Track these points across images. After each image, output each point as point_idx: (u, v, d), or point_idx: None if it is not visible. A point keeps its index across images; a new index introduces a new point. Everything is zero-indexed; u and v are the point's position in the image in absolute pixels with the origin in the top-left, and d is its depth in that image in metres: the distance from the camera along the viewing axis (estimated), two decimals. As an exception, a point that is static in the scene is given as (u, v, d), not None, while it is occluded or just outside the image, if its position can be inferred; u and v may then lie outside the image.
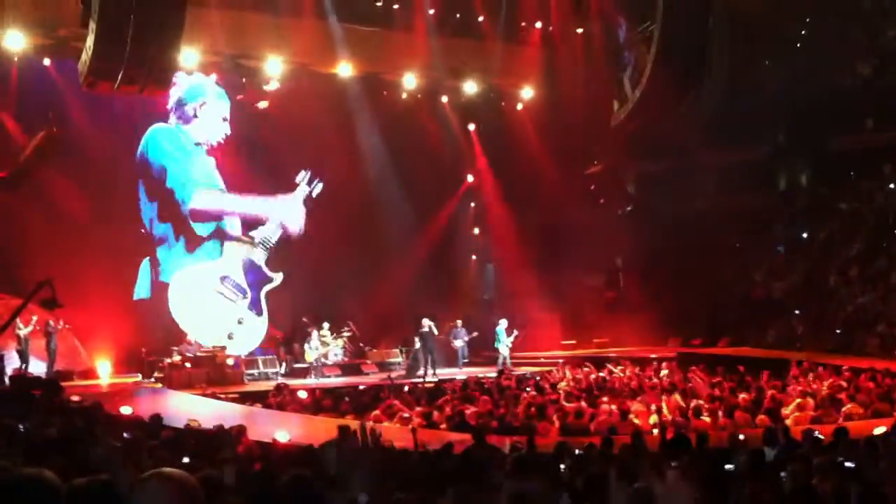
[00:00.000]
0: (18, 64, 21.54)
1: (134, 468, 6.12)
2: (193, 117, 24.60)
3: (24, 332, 19.68)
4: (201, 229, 24.74)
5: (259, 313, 24.85)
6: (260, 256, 25.16)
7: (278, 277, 25.06)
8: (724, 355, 21.68)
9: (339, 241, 25.24)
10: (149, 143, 24.27)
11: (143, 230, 24.12)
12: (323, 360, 23.10)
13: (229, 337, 23.55)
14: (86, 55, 18.98)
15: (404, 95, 27.04)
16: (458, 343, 24.51)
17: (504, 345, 23.94)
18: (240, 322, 24.36)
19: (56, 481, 2.62)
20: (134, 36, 18.13)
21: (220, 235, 24.98)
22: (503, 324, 24.26)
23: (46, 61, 21.92)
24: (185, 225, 24.52)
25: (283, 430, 10.86)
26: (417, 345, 23.17)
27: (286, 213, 25.83)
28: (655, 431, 11.78)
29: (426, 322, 23.02)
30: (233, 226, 25.19)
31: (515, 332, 24.17)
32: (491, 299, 28.89)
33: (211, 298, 24.23)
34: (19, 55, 21.22)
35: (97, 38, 18.30)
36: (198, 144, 24.80)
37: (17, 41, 20.51)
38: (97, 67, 19.05)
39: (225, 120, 24.89)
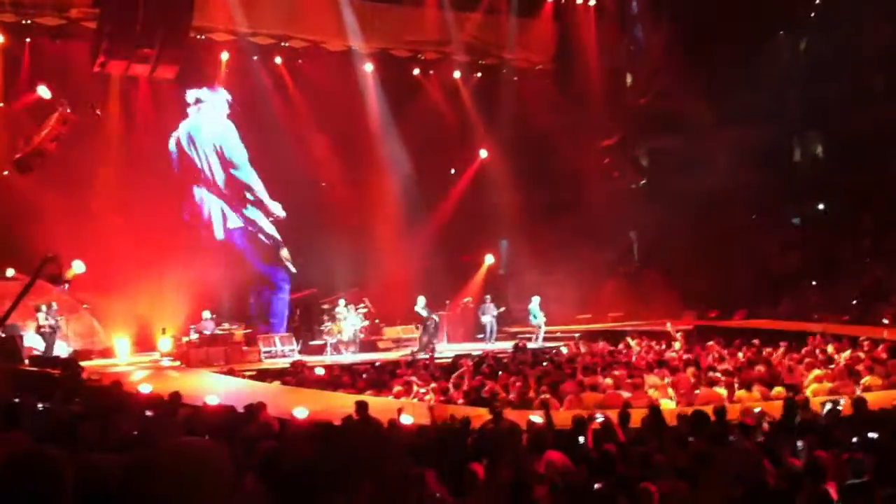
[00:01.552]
0: (30, 45, 21.61)
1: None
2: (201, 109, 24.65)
3: (43, 315, 19.79)
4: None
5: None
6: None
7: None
8: (739, 328, 21.65)
9: (353, 218, 25.27)
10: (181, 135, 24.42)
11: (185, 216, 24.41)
12: (339, 336, 23.19)
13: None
14: (97, 35, 19.06)
15: (416, 71, 26.98)
16: (487, 318, 24.55)
17: (540, 320, 24.04)
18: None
19: (59, 458, 2.61)
20: (144, 15, 18.16)
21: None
22: (536, 300, 24.31)
23: (59, 41, 21.91)
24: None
25: (301, 406, 10.89)
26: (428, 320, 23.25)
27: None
28: (672, 405, 11.81)
29: (422, 300, 23.17)
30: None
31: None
32: (506, 274, 28.86)
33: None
34: (31, 35, 21.31)
35: (107, 19, 18.35)
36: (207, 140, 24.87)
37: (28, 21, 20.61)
38: (108, 48, 19.11)
39: (223, 116, 24.83)
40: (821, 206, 28.31)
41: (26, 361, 18.28)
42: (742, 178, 25.18)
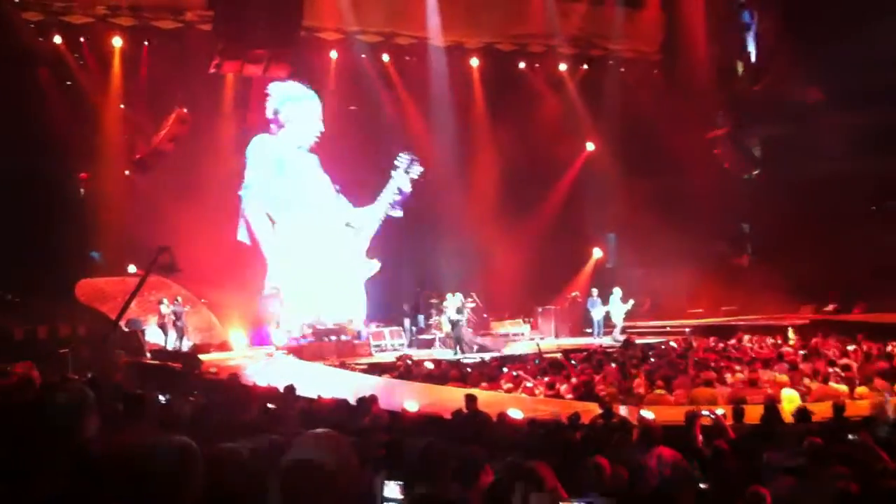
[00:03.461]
0: (148, 48, 22.44)
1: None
2: (287, 122, 25.01)
3: (167, 309, 20.51)
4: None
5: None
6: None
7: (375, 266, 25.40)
8: (859, 322, 20.93)
9: (460, 213, 25.42)
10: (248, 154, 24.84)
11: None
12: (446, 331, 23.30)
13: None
14: (212, 37, 19.66)
15: (522, 65, 26.94)
16: (596, 312, 24.36)
17: (618, 313, 23.74)
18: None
19: (195, 448, 2.73)
20: (257, 17, 18.65)
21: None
22: (617, 293, 24.05)
23: (175, 44, 22.66)
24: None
25: (411, 399, 11.05)
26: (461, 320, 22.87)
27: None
28: (788, 401, 11.52)
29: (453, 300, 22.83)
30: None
31: (632, 301, 23.97)
32: (614, 268, 28.57)
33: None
34: (149, 39, 22.14)
35: (221, 21, 18.90)
36: (299, 147, 25.25)
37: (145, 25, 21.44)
38: (223, 49, 19.69)
39: (315, 119, 25.19)
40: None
41: (148, 355, 19.05)
42: (860, 164, 24.27)
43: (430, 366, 17.69)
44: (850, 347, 16.70)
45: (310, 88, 25.04)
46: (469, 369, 17.11)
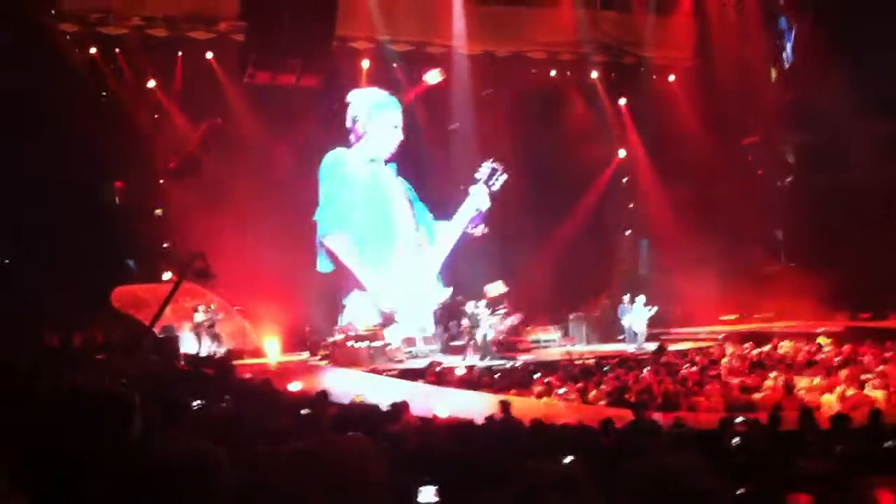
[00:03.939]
0: (182, 58, 22.70)
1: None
2: (364, 134, 25.11)
3: (200, 317, 20.70)
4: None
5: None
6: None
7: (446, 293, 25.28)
8: (894, 329, 20.67)
9: (494, 219, 25.51)
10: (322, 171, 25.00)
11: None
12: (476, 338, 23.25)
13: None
14: (245, 48, 19.86)
15: (553, 73, 26.95)
16: (627, 319, 24.19)
17: (637, 319, 23.60)
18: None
19: (224, 455, 2.76)
20: (290, 26, 18.82)
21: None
22: (640, 300, 23.90)
23: (209, 55, 22.91)
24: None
25: (442, 405, 11.06)
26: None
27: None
28: (824, 408, 11.42)
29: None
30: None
31: (655, 308, 23.84)
32: (646, 274, 28.43)
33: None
34: (183, 49, 22.39)
35: (254, 30, 19.08)
36: (372, 160, 25.32)
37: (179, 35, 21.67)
38: (256, 59, 19.88)
39: (396, 127, 25.26)
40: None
41: (182, 361, 19.24)
42: (895, 172, 24.01)
43: (461, 372, 17.71)
44: (887, 354, 16.51)
45: (392, 95, 25.18)
46: (499, 375, 17.13)
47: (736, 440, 8.12)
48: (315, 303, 23.96)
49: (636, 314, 23.78)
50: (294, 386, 13.56)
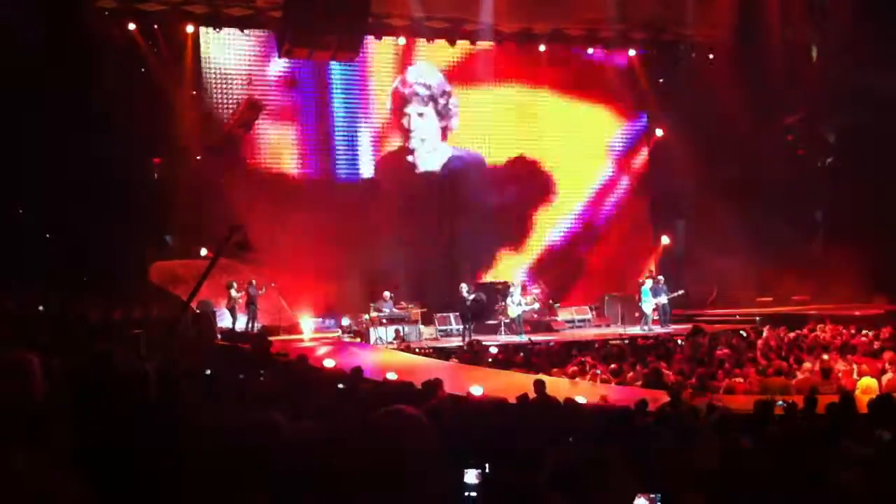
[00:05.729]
0: (220, 34, 22.83)
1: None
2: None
3: (236, 293, 20.81)
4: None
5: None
6: None
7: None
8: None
9: (525, 200, 25.46)
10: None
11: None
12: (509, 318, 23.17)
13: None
14: (282, 24, 19.89)
15: (590, 51, 26.78)
16: (662, 300, 23.91)
17: (649, 303, 23.32)
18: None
19: (285, 424, 2.79)
20: (326, 2, 18.79)
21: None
22: (649, 283, 23.53)
23: (246, 32, 23.01)
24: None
25: (476, 383, 11.07)
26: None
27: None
28: (864, 391, 11.28)
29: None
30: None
31: (681, 292, 23.59)
32: (683, 256, 28.18)
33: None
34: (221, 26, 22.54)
35: (291, 7, 19.08)
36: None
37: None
38: (293, 36, 19.90)
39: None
40: None
41: (219, 336, 19.44)
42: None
43: (494, 350, 17.72)
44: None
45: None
46: (535, 354, 17.12)
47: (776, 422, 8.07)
48: (353, 281, 23.97)
49: (648, 298, 23.35)
50: (329, 362, 13.66)
